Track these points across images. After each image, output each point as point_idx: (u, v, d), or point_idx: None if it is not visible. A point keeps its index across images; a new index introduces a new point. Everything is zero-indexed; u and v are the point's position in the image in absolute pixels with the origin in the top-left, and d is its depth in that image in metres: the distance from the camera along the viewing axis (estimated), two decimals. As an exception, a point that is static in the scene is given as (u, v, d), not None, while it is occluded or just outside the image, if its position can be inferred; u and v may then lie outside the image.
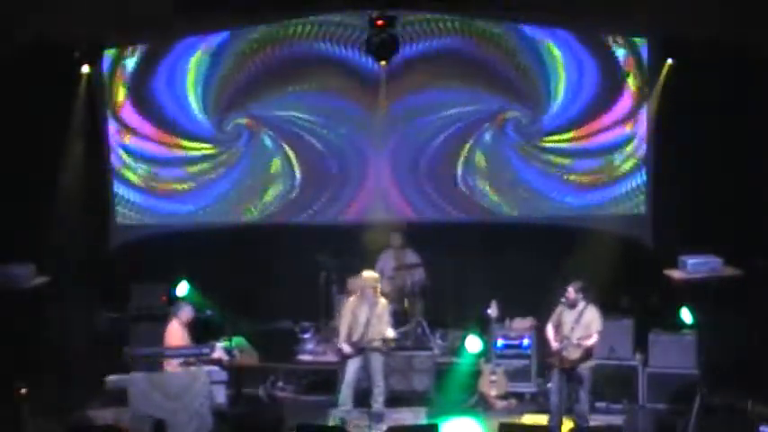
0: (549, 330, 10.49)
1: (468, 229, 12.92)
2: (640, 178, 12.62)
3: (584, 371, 10.31)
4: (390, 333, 10.73)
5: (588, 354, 10.33)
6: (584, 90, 12.55)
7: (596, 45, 12.48)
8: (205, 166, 13.08)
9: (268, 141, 13.04)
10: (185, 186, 13.17)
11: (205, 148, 13.07)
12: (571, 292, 10.30)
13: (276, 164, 13.06)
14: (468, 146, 12.88)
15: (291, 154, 13.03)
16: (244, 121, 12.98)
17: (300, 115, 12.95)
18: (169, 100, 12.93)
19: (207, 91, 12.85)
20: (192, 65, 12.82)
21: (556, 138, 12.73)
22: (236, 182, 13.12)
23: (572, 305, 10.32)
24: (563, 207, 12.83)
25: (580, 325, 10.23)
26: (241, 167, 13.08)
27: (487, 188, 12.97)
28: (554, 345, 10.32)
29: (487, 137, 12.84)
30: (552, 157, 12.78)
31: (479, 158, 12.92)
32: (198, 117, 12.95)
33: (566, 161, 12.77)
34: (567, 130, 12.69)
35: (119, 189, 13.08)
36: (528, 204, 12.91)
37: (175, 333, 10.51)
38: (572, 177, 12.78)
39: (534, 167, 12.82)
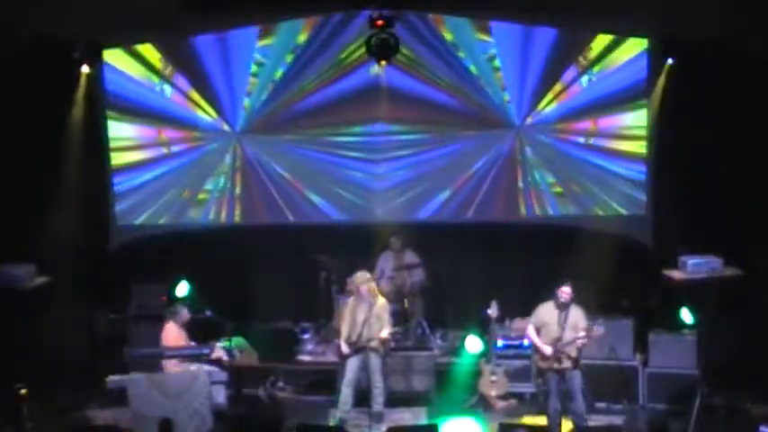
0: (532, 332, 10.35)
1: (468, 229, 12.91)
2: (640, 178, 12.62)
3: (578, 370, 10.28)
4: (384, 333, 10.71)
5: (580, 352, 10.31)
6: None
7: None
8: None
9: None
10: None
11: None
12: (569, 292, 10.23)
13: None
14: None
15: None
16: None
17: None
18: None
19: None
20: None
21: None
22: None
23: (566, 305, 10.26)
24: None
25: (568, 325, 10.17)
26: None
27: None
28: (547, 350, 10.21)
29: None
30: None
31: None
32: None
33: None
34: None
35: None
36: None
37: (173, 334, 10.51)
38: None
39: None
